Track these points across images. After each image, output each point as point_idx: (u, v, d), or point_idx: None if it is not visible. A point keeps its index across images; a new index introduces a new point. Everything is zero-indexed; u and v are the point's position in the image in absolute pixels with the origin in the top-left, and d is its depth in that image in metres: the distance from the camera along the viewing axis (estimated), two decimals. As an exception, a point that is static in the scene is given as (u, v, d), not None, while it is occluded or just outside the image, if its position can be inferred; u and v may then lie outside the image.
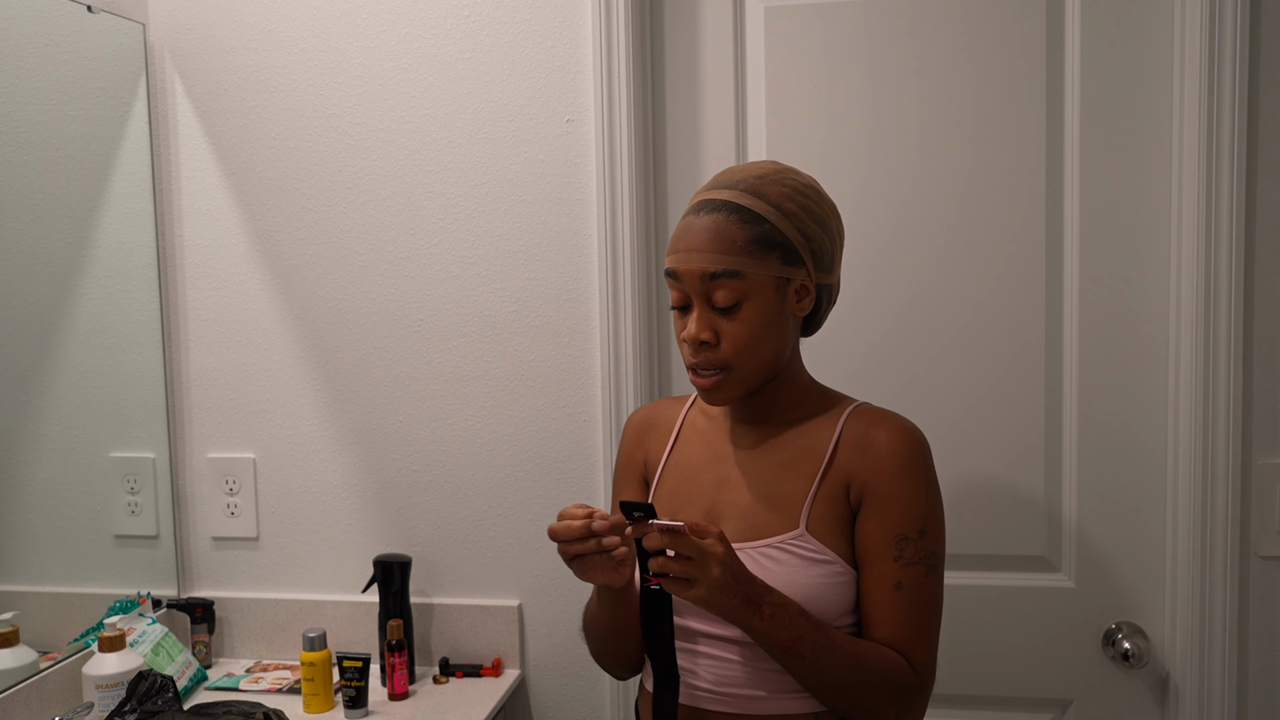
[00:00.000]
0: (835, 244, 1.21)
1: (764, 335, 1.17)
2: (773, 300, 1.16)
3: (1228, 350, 1.56)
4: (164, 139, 1.88)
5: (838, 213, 1.22)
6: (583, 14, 1.71)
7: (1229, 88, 1.53)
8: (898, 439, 1.18)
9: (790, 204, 1.17)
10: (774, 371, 1.21)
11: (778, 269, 1.16)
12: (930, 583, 1.18)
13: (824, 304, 1.23)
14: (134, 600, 1.76)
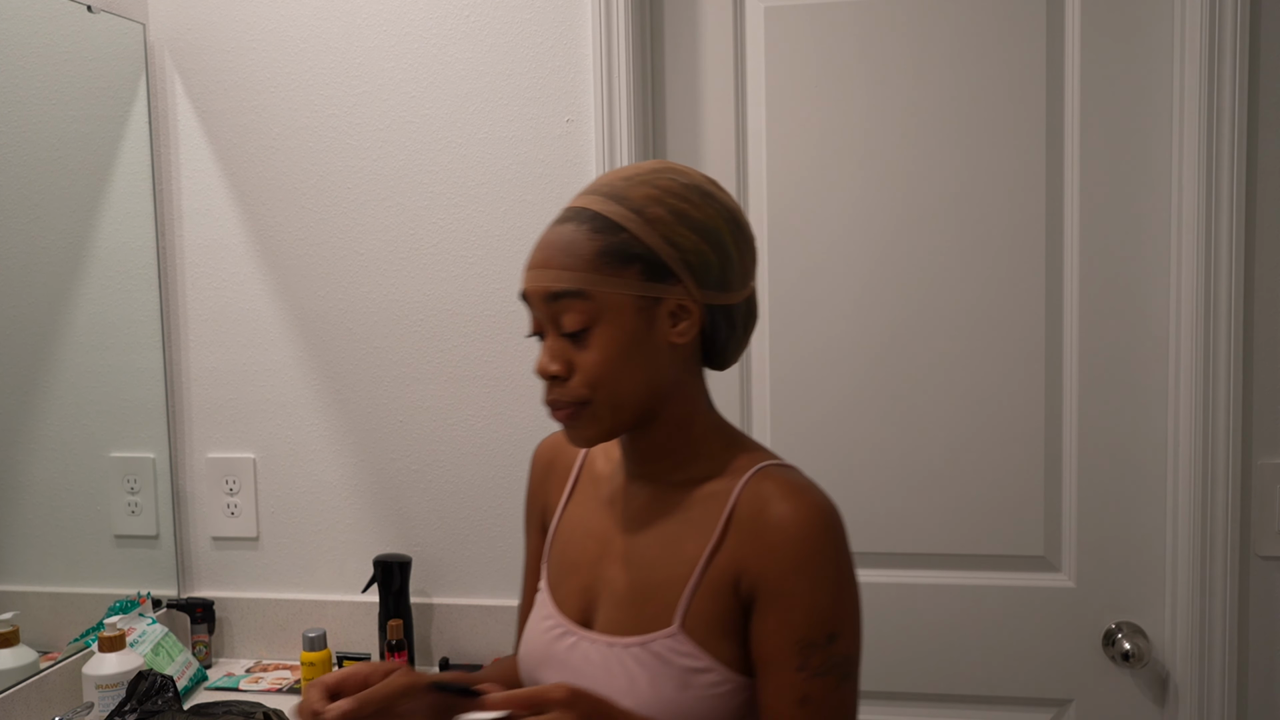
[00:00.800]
0: (729, 256, 0.99)
1: (622, 366, 0.97)
2: (633, 324, 0.96)
3: (1228, 350, 1.56)
4: (164, 139, 1.88)
5: (738, 219, 1.01)
6: (583, 14, 1.71)
7: (1229, 88, 1.53)
8: (800, 520, 0.94)
9: (657, 208, 0.97)
10: (646, 410, 1.00)
11: (637, 286, 0.96)
12: (843, 694, 0.95)
13: (724, 329, 1.01)
14: (134, 600, 1.76)
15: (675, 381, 1.01)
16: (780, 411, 1.75)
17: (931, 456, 1.71)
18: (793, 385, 1.74)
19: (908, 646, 1.74)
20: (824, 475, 1.74)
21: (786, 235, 1.72)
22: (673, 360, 1.00)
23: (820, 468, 1.74)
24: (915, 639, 1.74)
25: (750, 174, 1.73)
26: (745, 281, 1.01)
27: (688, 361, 1.01)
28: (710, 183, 1.02)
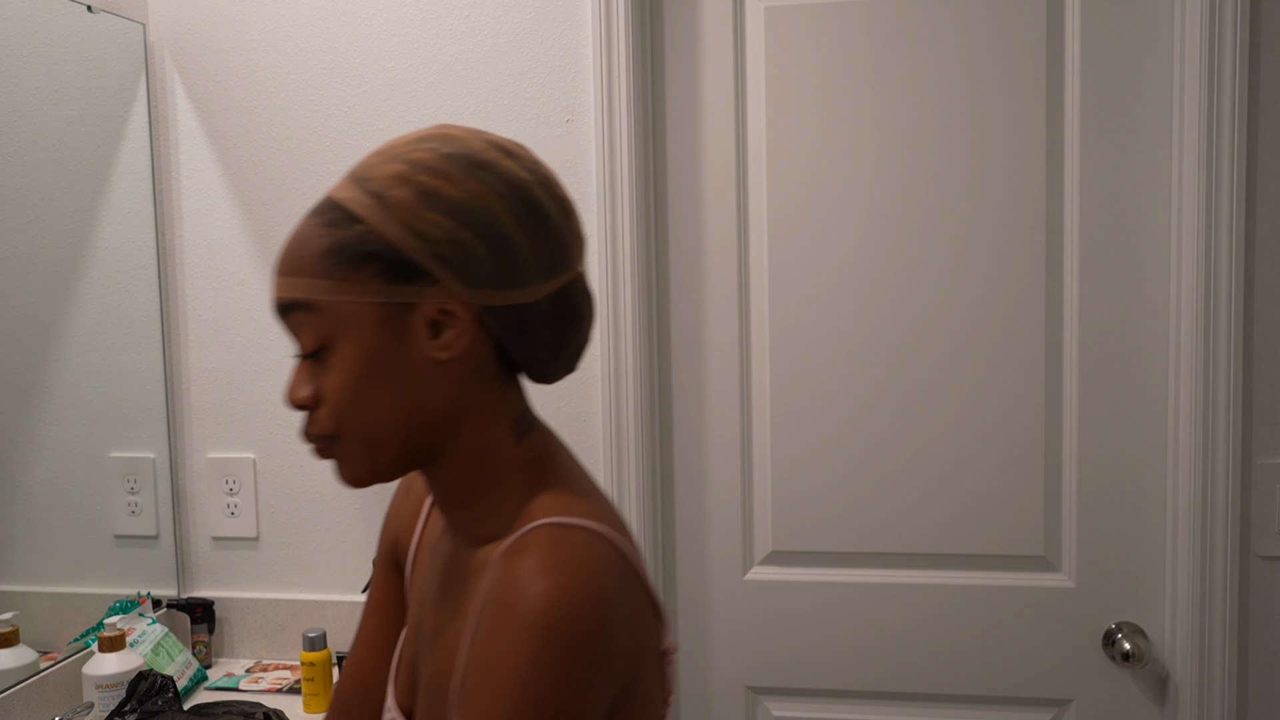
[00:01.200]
0: (508, 242, 0.77)
1: (367, 391, 0.78)
2: (375, 338, 0.77)
3: (1228, 350, 1.56)
4: (164, 139, 1.88)
5: (527, 194, 0.78)
6: (583, 14, 1.71)
7: (1229, 88, 1.53)
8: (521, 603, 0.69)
9: (401, 189, 0.76)
10: (418, 444, 0.80)
11: (376, 291, 0.76)
12: None
13: (520, 335, 0.79)
14: (134, 600, 1.76)
15: (455, 407, 0.80)
16: (780, 412, 1.75)
17: (931, 456, 1.71)
18: (792, 385, 1.74)
19: (908, 646, 1.74)
20: (824, 475, 1.74)
21: (786, 235, 1.72)
22: (444, 380, 0.79)
23: (820, 468, 1.75)
24: (915, 639, 1.74)
25: (750, 174, 1.73)
26: (549, 271, 0.79)
27: (472, 380, 0.80)
28: (495, 148, 0.79)
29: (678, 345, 1.78)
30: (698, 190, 1.74)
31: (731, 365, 1.76)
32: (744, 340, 1.76)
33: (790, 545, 1.77)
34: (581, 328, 0.83)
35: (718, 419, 1.77)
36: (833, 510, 1.75)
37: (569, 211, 0.82)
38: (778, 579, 1.78)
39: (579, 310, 0.82)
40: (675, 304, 1.77)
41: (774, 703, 1.80)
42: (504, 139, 0.82)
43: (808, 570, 1.77)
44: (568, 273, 0.81)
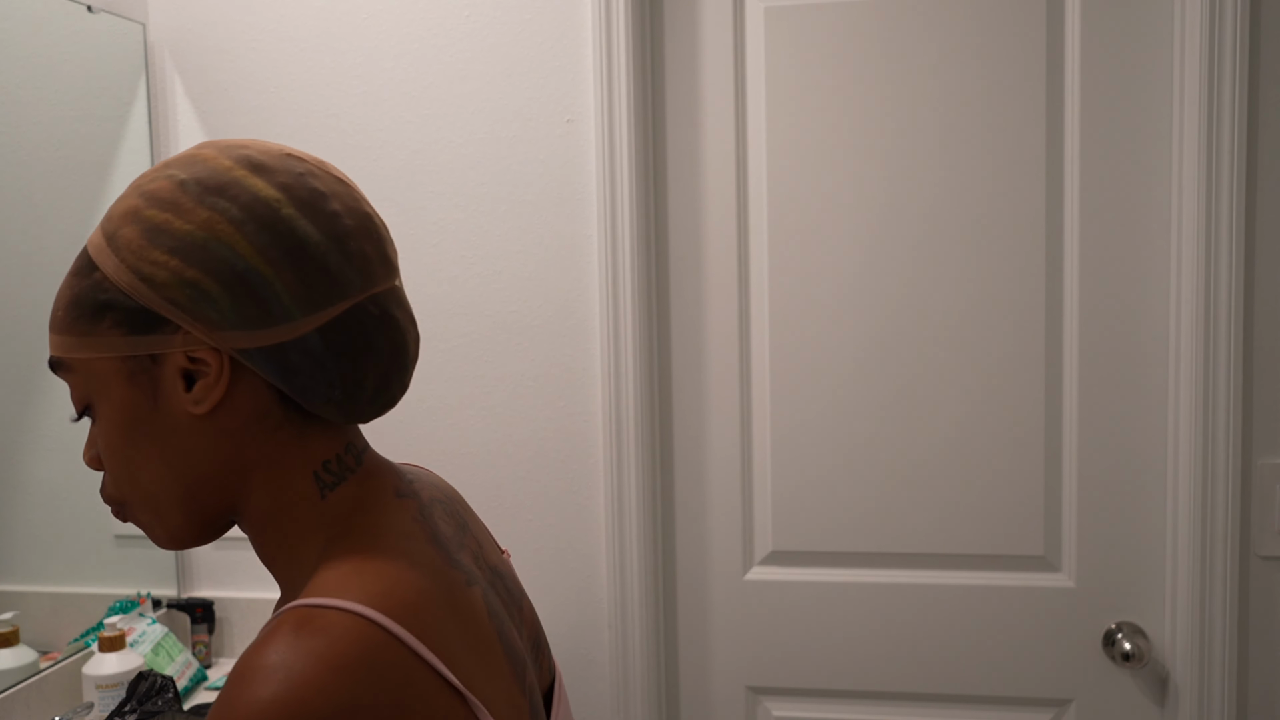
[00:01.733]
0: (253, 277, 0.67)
1: (129, 454, 0.71)
2: (127, 396, 0.70)
3: (1228, 350, 1.56)
4: (164, 139, 1.88)
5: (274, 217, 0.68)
6: (583, 14, 1.71)
7: (1229, 88, 1.53)
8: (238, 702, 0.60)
9: (130, 228, 0.68)
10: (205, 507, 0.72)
11: (117, 344, 0.69)
12: None
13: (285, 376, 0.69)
14: (134, 600, 1.76)
15: (237, 463, 0.71)
16: (780, 412, 1.75)
17: (931, 456, 1.71)
18: (792, 385, 1.74)
19: (907, 646, 1.74)
20: (824, 475, 1.74)
21: (786, 234, 1.72)
22: (212, 435, 0.70)
23: (820, 468, 1.75)
24: (915, 639, 1.74)
25: (750, 173, 1.73)
26: (310, 303, 0.68)
27: (251, 432, 0.71)
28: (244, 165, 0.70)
29: (678, 345, 1.78)
30: (698, 190, 1.74)
31: (731, 365, 1.76)
32: (744, 340, 1.76)
33: (790, 545, 1.77)
34: (375, 360, 0.72)
35: (717, 419, 1.77)
36: (833, 510, 1.75)
37: (345, 230, 0.70)
38: (778, 579, 1.78)
39: (368, 341, 0.71)
40: (675, 304, 1.77)
41: (774, 703, 1.80)
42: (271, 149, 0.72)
43: (808, 570, 1.77)
44: (342, 300, 0.70)
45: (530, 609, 0.87)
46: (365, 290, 0.71)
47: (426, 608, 0.67)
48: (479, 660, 0.70)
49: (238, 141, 0.72)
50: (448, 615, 0.69)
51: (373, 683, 0.62)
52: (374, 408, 0.73)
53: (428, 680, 0.65)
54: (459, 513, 0.84)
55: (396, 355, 0.73)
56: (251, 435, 0.71)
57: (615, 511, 1.74)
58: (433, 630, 0.67)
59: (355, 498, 0.73)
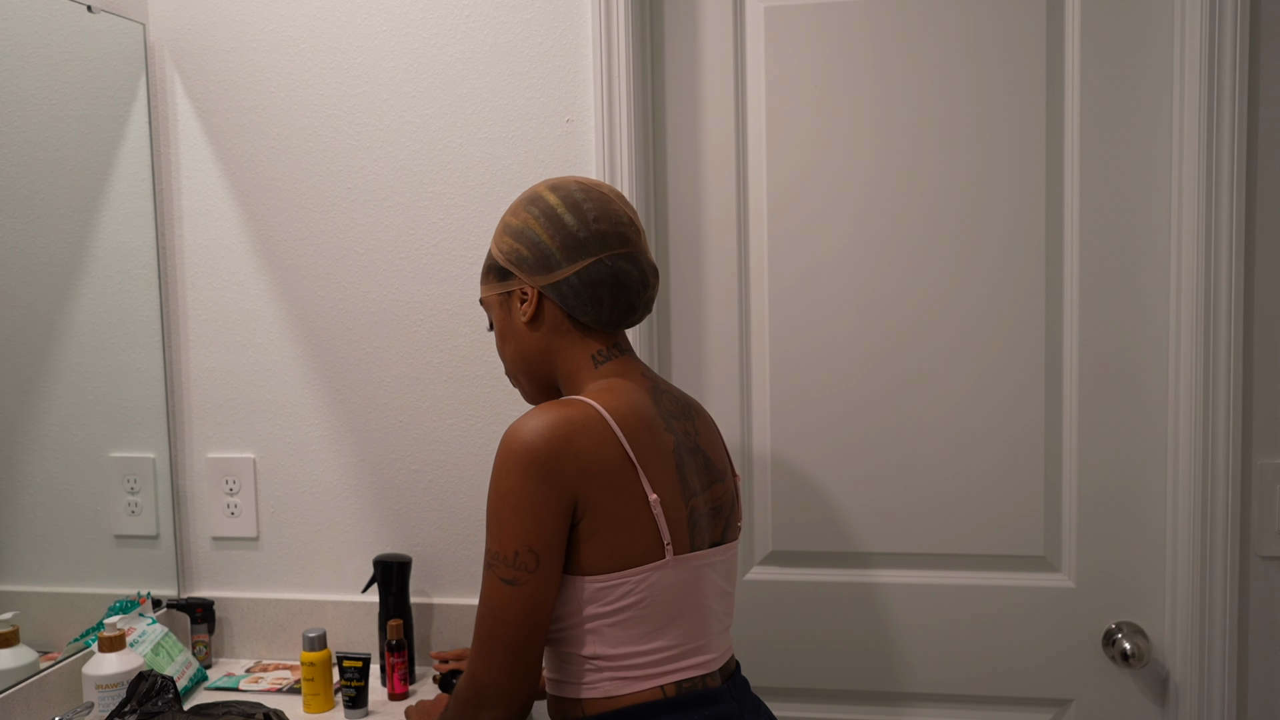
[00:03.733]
0: (541, 245, 1.26)
1: (504, 343, 1.33)
2: (500, 314, 1.32)
3: (1228, 350, 1.56)
4: (164, 139, 1.88)
5: (553, 212, 1.26)
6: (583, 14, 1.71)
7: (1229, 88, 1.53)
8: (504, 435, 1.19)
9: (498, 229, 1.31)
10: (536, 373, 1.32)
11: (495, 287, 1.31)
12: (486, 579, 1.18)
13: (569, 298, 1.26)
14: (134, 600, 1.76)
15: (546, 348, 1.30)
16: (780, 411, 1.75)
17: (931, 456, 1.71)
18: (792, 385, 1.74)
19: (907, 646, 1.74)
20: (823, 475, 1.74)
21: (786, 235, 1.72)
22: (535, 333, 1.29)
23: (820, 468, 1.75)
24: (915, 639, 1.74)
25: (750, 173, 1.73)
26: (569, 258, 1.25)
27: (554, 332, 1.29)
28: (549, 188, 1.29)
29: (678, 345, 1.78)
30: (698, 190, 1.74)
31: (731, 365, 1.76)
32: (744, 340, 1.76)
33: (790, 545, 1.77)
34: (614, 293, 1.26)
35: (718, 419, 1.77)
36: (832, 510, 1.75)
37: (592, 218, 1.26)
38: (778, 579, 1.78)
39: (603, 281, 1.25)
40: (675, 303, 1.77)
41: (774, 703, 1.80)
42: (567, 180, 1.30)
43: (808, 570, 1.77)
44: (587, 257, 1.25)
45: (727, 491, 1.32)
46: (603, 251, 1.26)
47: (630, 418, 1.21)
48: (657, 461, 1.21)
49: (554, 179, 1.31)
50: (643, 429, 1.21)
51: (585, 434, 1.17)
52: (617, 320, 1.28)
53: (617, 447, 1.18)
54: (690, 412, 1.32)
55: (622, 291, 1.26)
56: (553, 335, 1.29)
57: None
58: (629, 427, 1.20)
59: (614, 370, 1.29)
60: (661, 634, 1.21)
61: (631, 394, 1.24)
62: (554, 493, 1.15)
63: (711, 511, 1.28)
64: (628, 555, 1.18)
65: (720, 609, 1.28)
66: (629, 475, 1.18)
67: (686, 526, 1.22)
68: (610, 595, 1.18)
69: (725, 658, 1.29)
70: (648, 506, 1.19)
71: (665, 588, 1.20)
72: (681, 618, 1.22)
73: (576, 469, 1.16)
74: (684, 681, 1.22)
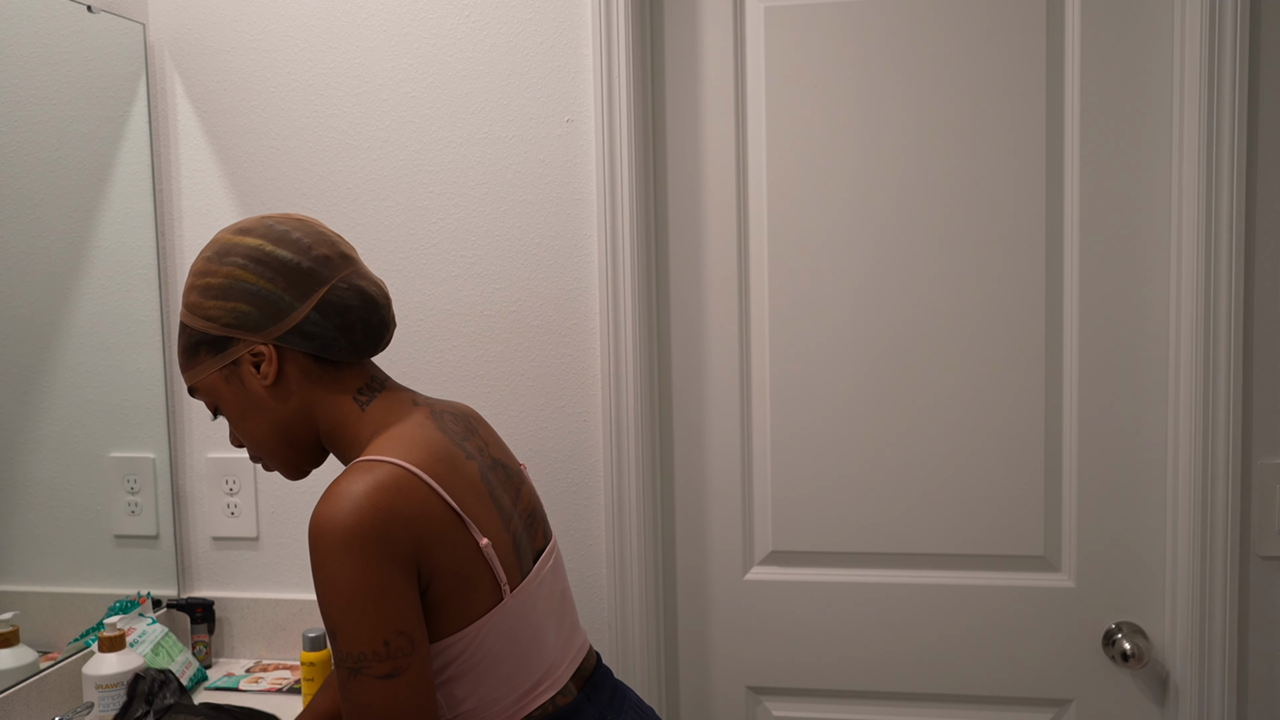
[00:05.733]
0: (263, 294, 1.11)
1: (247, 422, 1.15)
2: (231, 391, 1.14)
3: (1228, 350, 1.56)
4: (164, 139, 1.88)
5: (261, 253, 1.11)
6: (583, 14, 1.71)
7: (1229, 88, 1.53)
8: (312, 523, 1.03)
9: (192, 295, 1.13)
10: (299, 439, 1.16)
11: (212, 363, 1.14)
12: (358, 687, 1.02)
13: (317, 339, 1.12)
14: (134, 600, 1.76)
15: (301, 407, 1.15)
16: (780, 412, 1.75)
17: (931, 456, 1.71)
18: (792, 386, 1.74)
19: (908, 646, 1.74)
20: (824, 475, 1.74)
21: (786, 236, 1.72)
22: (284, 394, 1.14)
23: (820, 468, 1.75)
24: (915, 639, 1.74)
25: (750, 174, 1.73)
26: (301, 294, 1.12)
27: (304, 385, 1.14)
28: (239, 233, 1.14)
29: (678, 345, 1.78)
30: (698, 190, 1.74)
31: (731, 365, 1.76)
32: (744, 340, 1.76)
33: (790, 545, 1.77)
34: (363, 315, 1.14)
35: (718, 419, 1.77)
36: (832, 510, 1.75)
37: (307, 244, 1.13)
38: (778, 579, 1.78)
39: (346, 305, 1.13)
40: (675, 304, 1.77)
41: (774, 703, 1.80)
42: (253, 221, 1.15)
43: (808, 570, 1.77)
44: (320, 287, 1.13)
45: (530, 492, 1.25)
46: (334, 275, 1.13)
47: (436, 463, 1.09)
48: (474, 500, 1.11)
49: (235, 226, 1.15)
50: (450, 470, 1.10)
51: (405, 498, 1.04)
52: (372, 345, 1.15)
53: (438, 502, 1.07)
54: (470, 423, 1.22)
55: (372, 309, 1.15)
56: (304, 389, 1.14)
57: (615, 511, 1.74)
58: (440, 475, 1.08)
59: (385, 407, 1.15)
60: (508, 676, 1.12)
61: (420, 434, 1.12)
62: (399, 568, 1.03)
63: (527, 523, 1.20)
64: (471, 610, 1.09)
65: (558, 617, 1.20)
66: (457, 528, 1.08)
67: (514, 555, 1.14)
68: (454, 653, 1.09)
69: (578, 660, 1.22)
70: (480, 554, 1.10)
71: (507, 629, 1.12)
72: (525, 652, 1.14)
73: (409, 537, 1.04)
74: (533, 714, 1.14)
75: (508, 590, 1.12)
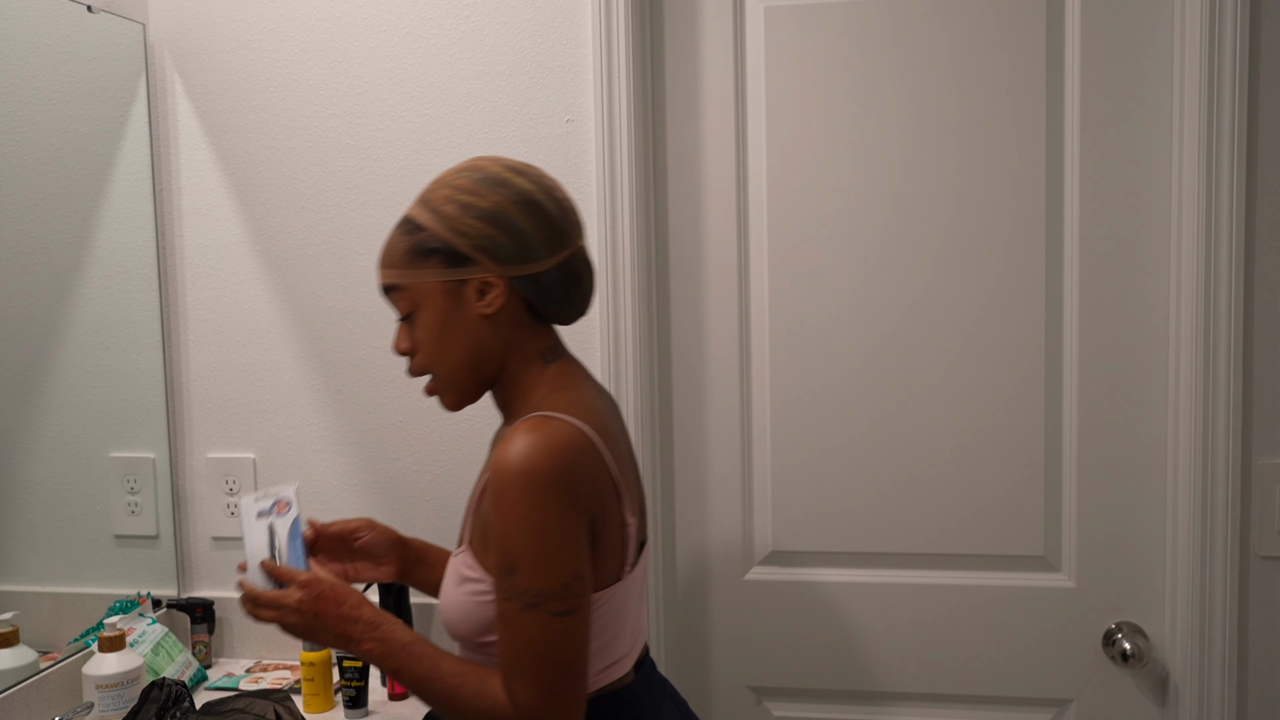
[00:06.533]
0: (522, 233, 1.15)
1: (444, 340, 1.17)
2: (444, 305, 1.16)
3: (1228, 350, 1.56)
4: (164, 139, 1.88)
5: (532, 199, 1.16)
6: (583, 14, 1.71)
7: (1229, 88, 1.53)
8: (505, 462, 1.08)
9: (449, 205, 1.15)
10: (484, 373, 1.19)
11: (440, 273, 1.16)
12: (529, 620, 1.08)
13: (539, 292, 1.17)
14: (134, 600, 1.76)
15: (503, 344, 1.19)
16: (780, 412, 1.75)
17: (931, 456, 1.71)
18: (792, 387, 1.74)
19: (908, 646, 1.74)
20: (824, 475, 1.74)
21: (786, 235, 1.72)
22: (492, 328, 1.18)
23: (820, 468, 1.75)
24: (915, 639, 1.74)
25: (750, 174, 1.73)
26: (552, 250, 1.17)
27: (511, 326, 1.18)
28: (511, 171, 1.17)
29: (678, 345, 1.78)
30: (698, 190, 1.74)
31: (731, 365, 1.76)
32: (744, 340, 1.76)
33: (790, 545, 1.77)
34: (583, 286, 1.21)
35: (718, 419, 1.77)
36: (833, 510, 1.75)
37: (566, 207, 1.19)
38: (778, 579, 1.78)
39: (579, 274, 1.20)
40: (675, 304, 1.77)
41: (775, 703, 1.80)
42: (518, 162, 1.19)
43: (808, 570, 1.77)
44: (566, 248, 1.18)
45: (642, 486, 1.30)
46: (575, 244, 1.20)
47: (606, 436, 1.15)
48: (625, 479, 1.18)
49: (492, 158, 1.20)
50: (613, 446, 1.16)
51: (589, 458, 1.11)
52: (575, 315, 1.22)
53: (606, 473, 1.14)
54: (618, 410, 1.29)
55: (590, 285, 1.22)
56: (510, 329, 1.19)
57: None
58: (609, 448, 1.15)
59: (562, 371, 1.21)
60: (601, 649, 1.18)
61: (596, 405, 1.18)
62: (582, 518, 1.10)
63: (642, 514, 1.26)
64: (600, 579, 1.15)
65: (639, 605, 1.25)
66: (615, 501, 1.15)
67: (635, 540, 1.20)
68: None
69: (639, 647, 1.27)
70: (622, 530, 1.16)
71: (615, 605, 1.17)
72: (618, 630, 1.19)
73: (588, 494, 1.11)
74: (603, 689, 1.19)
75: (627, 570, 1.18)
